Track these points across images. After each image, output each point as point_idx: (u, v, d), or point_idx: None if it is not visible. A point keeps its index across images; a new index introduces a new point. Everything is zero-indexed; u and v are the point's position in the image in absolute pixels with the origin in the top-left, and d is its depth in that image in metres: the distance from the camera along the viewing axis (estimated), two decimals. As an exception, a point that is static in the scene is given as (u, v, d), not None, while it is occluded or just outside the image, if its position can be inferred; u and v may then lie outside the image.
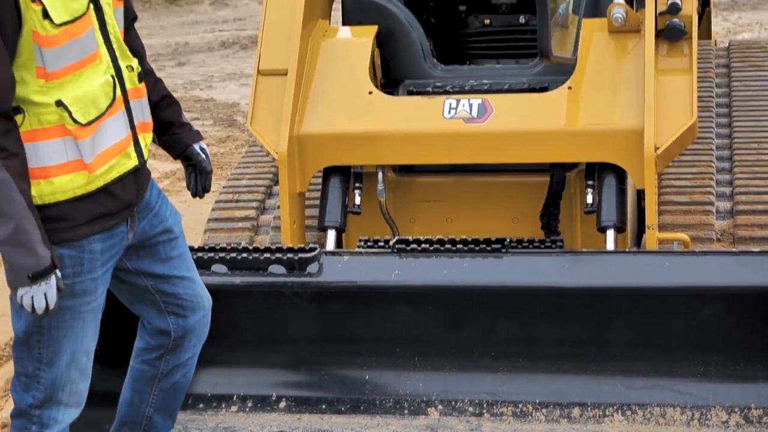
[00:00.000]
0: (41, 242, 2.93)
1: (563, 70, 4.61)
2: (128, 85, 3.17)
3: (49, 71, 2.96)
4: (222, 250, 4.03)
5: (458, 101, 4.48)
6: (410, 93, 4.81)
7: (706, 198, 4.70)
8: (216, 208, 5.17)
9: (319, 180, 4.69)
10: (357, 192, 4.66)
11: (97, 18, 3.07)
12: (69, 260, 3.07)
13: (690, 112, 4.25)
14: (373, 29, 4.82)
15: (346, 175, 4.64)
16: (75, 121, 3.00)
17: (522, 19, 5.25)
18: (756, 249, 4.13)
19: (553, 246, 4.03)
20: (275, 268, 3.97)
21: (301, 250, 4.03)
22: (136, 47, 3.34)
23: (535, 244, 4.03)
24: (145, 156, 3.24)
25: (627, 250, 4.45)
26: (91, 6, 3.05)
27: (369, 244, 4.16)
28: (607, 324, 4.01)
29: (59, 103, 2.98)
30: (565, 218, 4.74)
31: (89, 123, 3.03)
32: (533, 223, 4.75)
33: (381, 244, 4.13)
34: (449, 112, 4.46)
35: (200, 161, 3.60)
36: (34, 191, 2.97)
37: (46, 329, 3.12)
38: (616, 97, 4.38)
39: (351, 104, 4.55)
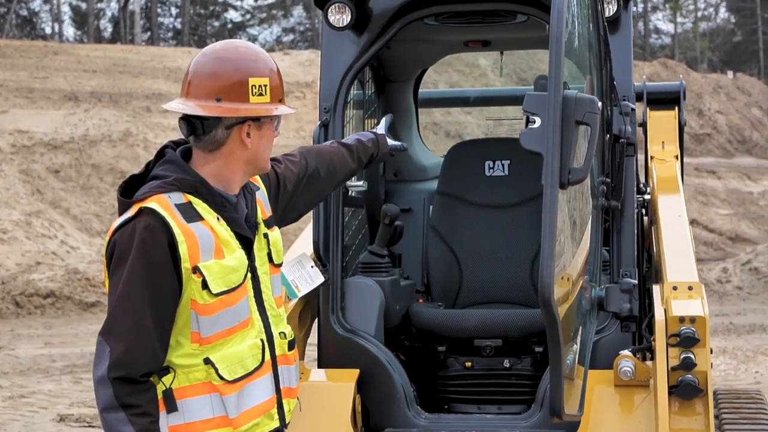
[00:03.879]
0: None
1: (561, 424, 4.23)
2: (278, 351, 3.28)
3: (203, 336, 3.12)
4: None
5: None
6: (392, 443, 4.39)
7: None
8: None
9: None
10: None
11: (253, 287, 3.23)
12: None
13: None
14: (354, 373, 4.43)
15: None
16: (221, 377, 3.12)
17: (506, 363, 4.93)
18: None
19: None
20: None
21: None
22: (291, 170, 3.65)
23: None
24: (287, 420, 3.32)
25: None
26: (249, 275, 3.21)
27: None
28: None
29: (207, 361, 3.12)
30: None
31: (235, 381, 3.14)
32: None
33: None
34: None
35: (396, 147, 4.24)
36: None
37: None
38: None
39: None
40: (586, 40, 4.01)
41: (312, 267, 4.52)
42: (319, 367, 4.62)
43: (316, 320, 4.72)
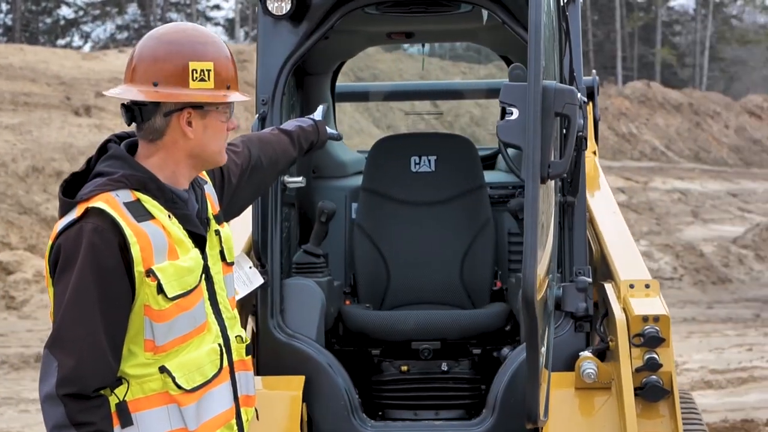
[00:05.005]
0: None
1: (518, 429, 4.08)
2: (235, 357, 3.07)
3: (158, 344, 2.89)
4: None
5: None
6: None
7: None
8: None
9: None
10: None
11: (207, 288, 3.01)
12: None
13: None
14: (300, 381, 4.18)
15: None
16: (179, 386, 2.90)
17: (444, 366, 4.74)
18: None
19: None
20: None
21: None
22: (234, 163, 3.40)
23: None
24: (245, 430, 3.11)
25: None
26: (203, 277, 2.98)
27: None
28: None
29: (162, 369, 2.89)
30: None
31: (193, 390, 2.93)
32: None
33: None
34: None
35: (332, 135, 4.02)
36: None
37: None
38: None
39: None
40: (550, 30, 3.86)
41: (250, 268, 4.25)
42: (257, 374, 4.34)
43: (253, 325, 4.45)
